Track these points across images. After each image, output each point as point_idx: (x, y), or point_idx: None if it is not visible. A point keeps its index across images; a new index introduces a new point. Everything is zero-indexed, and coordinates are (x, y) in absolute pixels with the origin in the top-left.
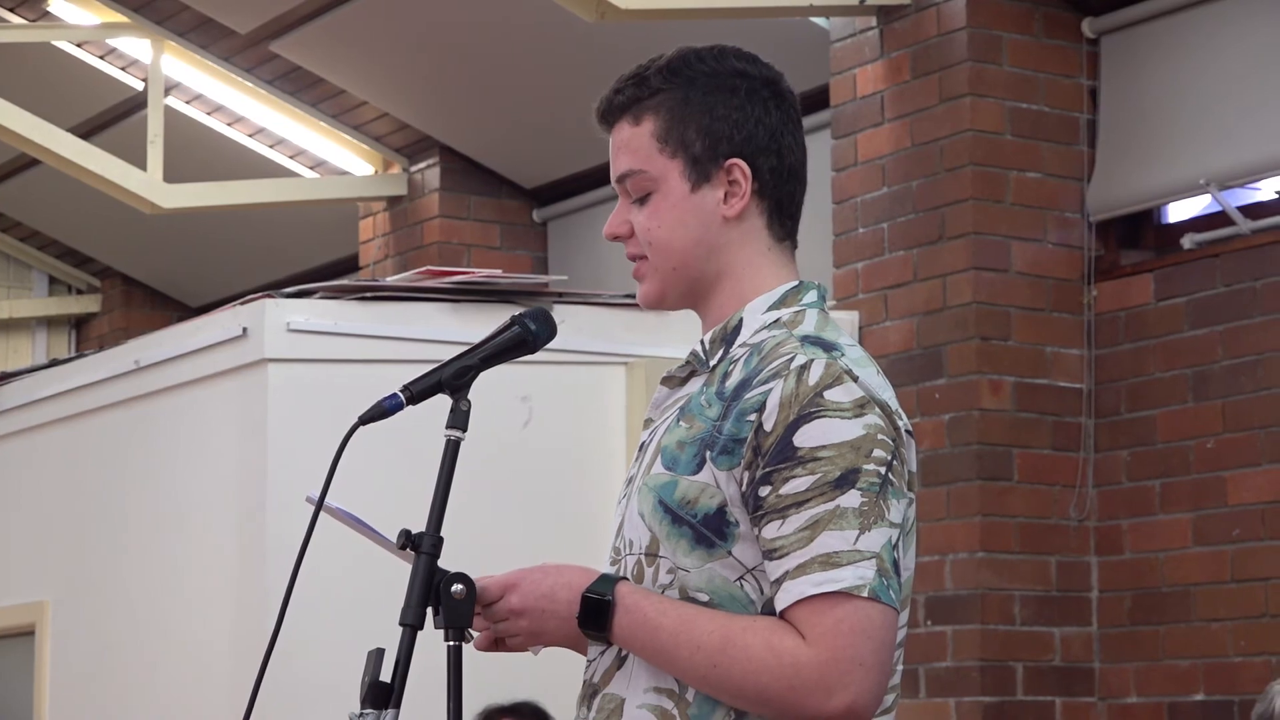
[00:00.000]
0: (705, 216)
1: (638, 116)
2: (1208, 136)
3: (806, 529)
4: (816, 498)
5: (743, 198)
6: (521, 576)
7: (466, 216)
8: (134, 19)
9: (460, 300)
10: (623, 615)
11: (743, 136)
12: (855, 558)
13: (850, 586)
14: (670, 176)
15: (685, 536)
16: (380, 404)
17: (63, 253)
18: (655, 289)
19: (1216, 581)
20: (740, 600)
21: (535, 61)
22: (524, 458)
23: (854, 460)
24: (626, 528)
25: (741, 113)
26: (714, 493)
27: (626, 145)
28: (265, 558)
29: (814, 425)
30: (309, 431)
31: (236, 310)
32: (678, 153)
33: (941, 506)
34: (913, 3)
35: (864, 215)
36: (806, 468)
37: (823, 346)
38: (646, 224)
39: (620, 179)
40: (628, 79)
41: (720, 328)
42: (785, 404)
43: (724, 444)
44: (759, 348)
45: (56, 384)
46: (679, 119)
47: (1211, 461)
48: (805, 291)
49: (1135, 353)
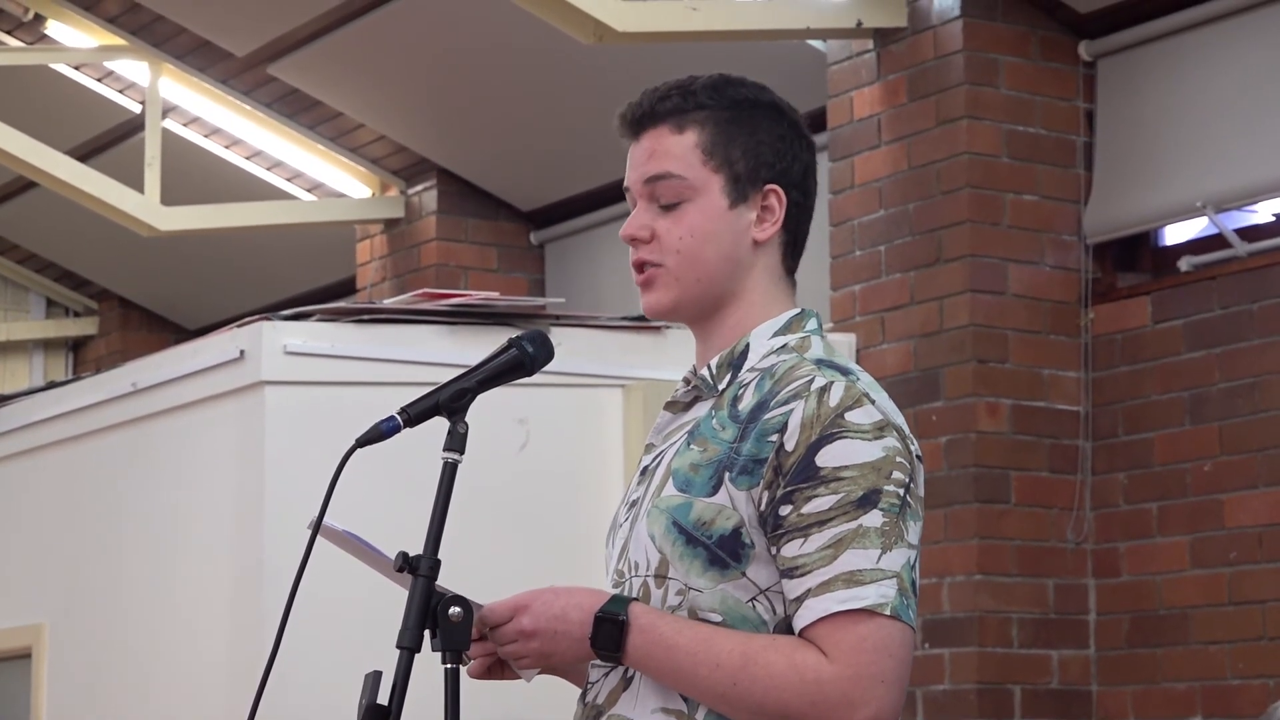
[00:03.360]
0: (737, 235)
1: (681, 125)
2: (1204, 159)
3: (830, 547)
4: (840, 517)
5: (775, 224)
6: (532, 598)
7: (464, 239)
8: (132, 42)
9: (457, 323)
10: (637, 635)
11: (783, 166)
12: (878, 576)
13: (874, 604)
14: (710, 189)
15: (699, 558)
16: (377, 426)
17: (60, 275)
18: (671, 297)
19: (1214, 604)
20: (752, 621)
21: (533, 85)
22: (521, 480)
23: (875, 481)
24: (633, 550)
25: (784, 143)
26: (730, 514)
27: (666, 151)
28: (262, 580)
29: (836, 446)
30: (306, 454)
31: (234, 333)
32: (721, 167)
33: (939, 529)
34: (909, 26)
35: (861, 238)
36: (829, 487)
37: (839, 370)
38: (678, 232)
39: (651, 180)
40: (672, 88)
41: (727, 352)
42: (807, 424)
43: (744, 464)
44: (770, 372)
45: (53, 407)
46: (725, 135)
47: (1209, 484)
48: (807, 319)
49: (1132, 375)
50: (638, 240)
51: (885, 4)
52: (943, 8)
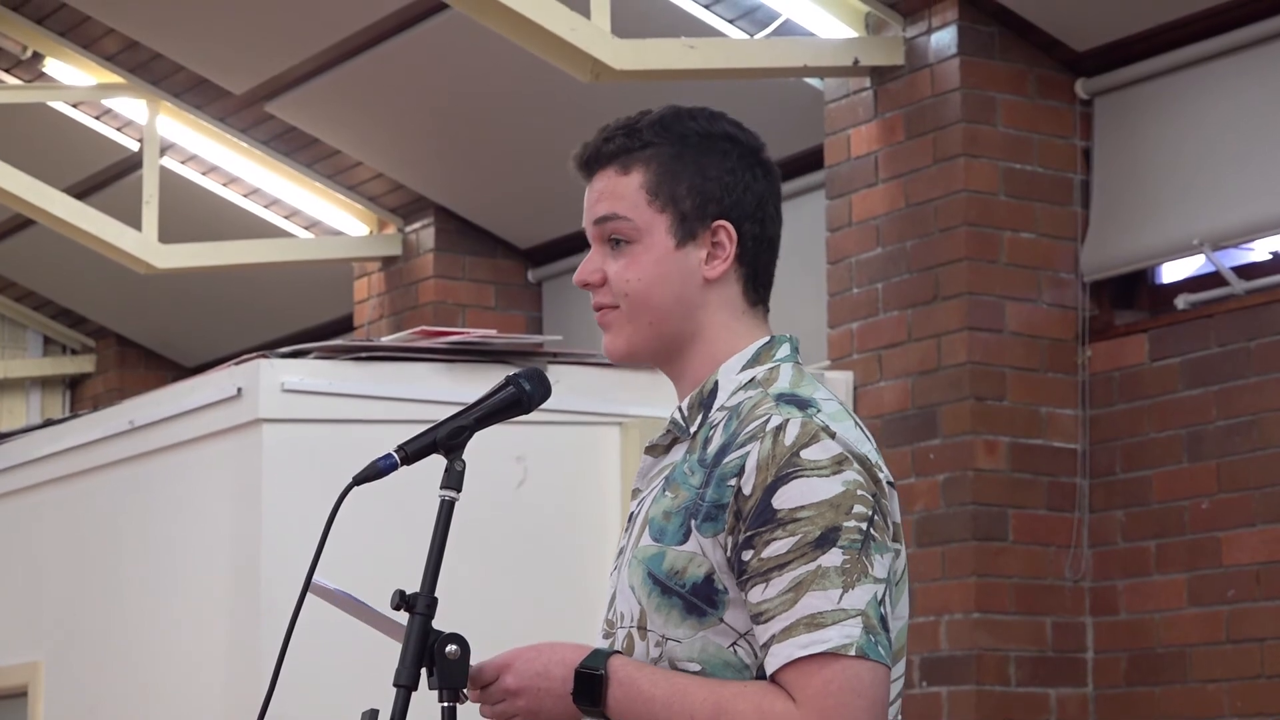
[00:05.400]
0: (686, 275)
1: (626, 166)
2: (1201, 197)
3: (790, 591)
4: (798, 559)
5: (725, 260)
6: (515, 656)
7: (461, 277)
8: (129, 80)
9: (455, 360)
10: (616, 689)
11: (732, 200)
12: (840, 617)
13: (837, 646)
14: (656, 230)
15: (676, 607)
16: (375, 464)
17: (57, 313)
18: (624, 341)
19: (1212, 642)
20: (734, 666)
21: (530, 122)
22: (518, 518)
23: (834, 519)
24: (619, 600)
25: (733, 176)
26: (701, 561)
27: (612, 192)
28: (259, 618)
29: (792, 486)
30: (303, 492)
31: (231, 370)
32: (666, 207)
33: (937, 567)
34: (907, 64)
35: (858, 275)
36: (786, 529)
37: (798, 405)
38: (627, 275)
39: (600, 222)
40: (618, 128)
41: (697, 392)
42: (763, 466)
43: (707, 510)
44: (737, 410)
45: (51, 444)
46: (670, 174)
47: (1207, 522)
48: (778, 346)
49: (1130, 413)
50: (590, 284)
51: (883, 42)
52: (940, 46)
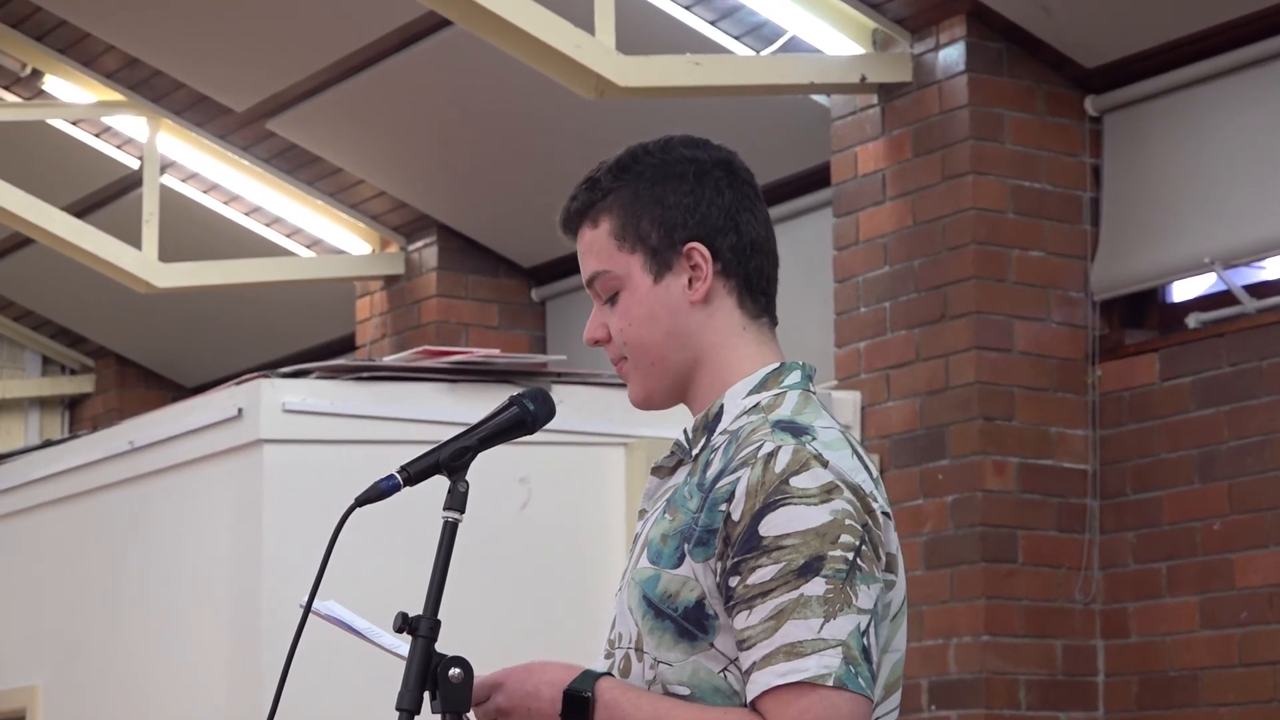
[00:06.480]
0: (673, 306)
1: (595, 219)
2: (1212, 215)
3: (771, 619)
4: (780, 587)
5: (705, 280)
6: (505, 676)
7: (464, 295)
8: (130, 97)
9: (458, 380)
10: (601, 711)
11: (696, 220)
12: (820, 646)
13: (814, 676)
14: (633, 272)
15: (668, 630)
16: (377, 485)
17: (56, 332)
18: (641, 389)
19: (1224, 665)
20: (724, 692)
21: (533, 140)
22: (523, 540)
23: (819, 547)
24: (619, 622)
25: (692, 196)
26: (693, 585)
27: (590, 249)
28: (260, 641)
29: (779, 513)
30: (305, 513)
31: (232, 390)
32: (636, 247)
33: (945, 589)
34: (914, 80)
35: (865, 294)
36: (771, 556)
37: (793, 432)
38: (620, 324)
39: (589, 282)
40: (581, 186)
41: (702, 415)
42: (752, 492)
43: (699, 535)
44: (737, 434)
45: (49, 466)
46: (632, 214)
47: (1219, 543)
48: (788, 373)
49: (1140, 433)
50: (600, 341)
51: (890, 59)
52: (948, 62)
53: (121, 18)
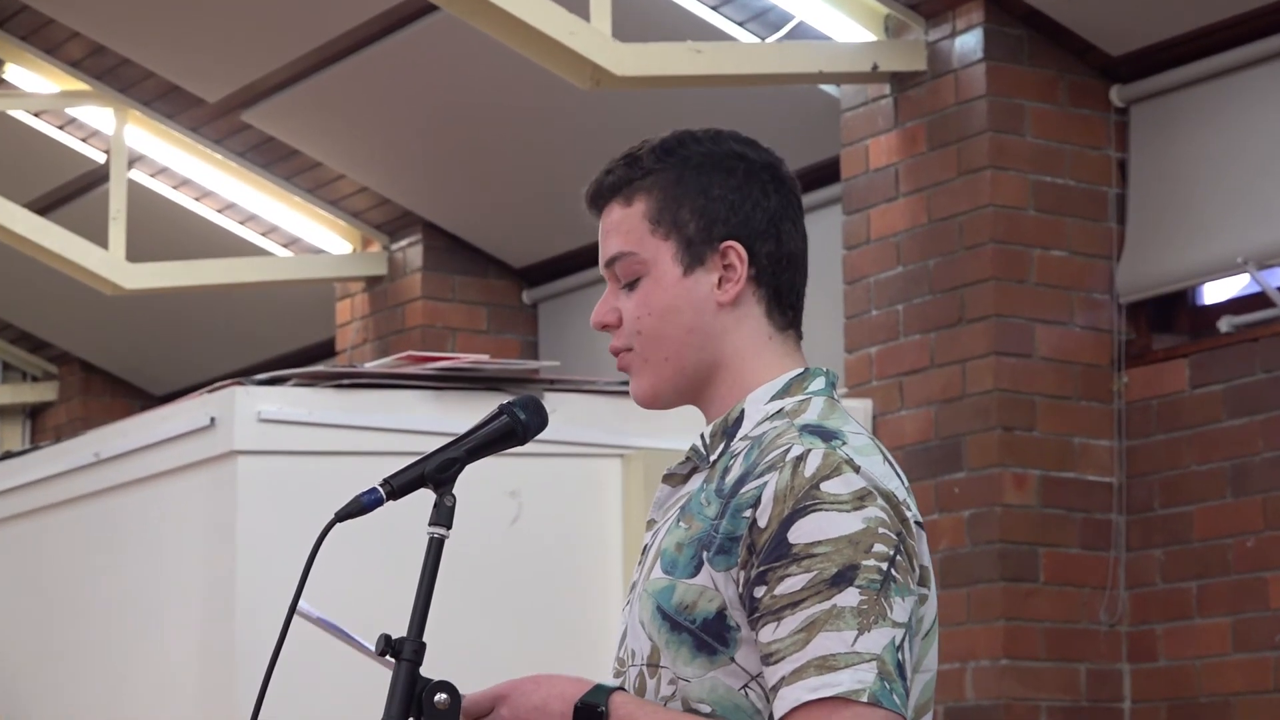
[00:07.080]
0: (698, 302)
1: (629, 197)
2: (1245, 212)
3: (802, 631)
4: (812, 597)
5: (738, 282)
6: (512, 688)
7: (451, 298)
8: (95, 87)
9: (444, 388)
10: None
11: (739, 219)
12: (854, 660)
13: (848, 691)
14: (662, 260)
15: (685, 644)
16: (358, 499)
17: (17, 337)
18: (648, 385)
19: (1258, 690)
20: (745, 710)
21: (525, 133)
22: (513, 557)
23: (852, 556)
24: (630, 638)
25: (739, 194)
26: (713, 595)
27: (617, 227)
28: (234, 662)
29: (809, 520)
30: (281, 529)
31: (204, 399)
32: (670, 234)
33: (962, 610)
34: (929, 69)
35: (877, 296)
36: (801, 565)
37: (822, 436)
38: (636, 311)
39: (609, 263)
40: (619, 160)
41: (721, 420)
42: (780, 498)
43: (720, 543)
44: (759, 440)
45: (10, 479)
46: (673, 198)
47: (1252, 561)
48: (812, 379)
49: (1169, 444)
50: (607, 325)
51: (903, 46)
52: (965, 50)
53: (87, 3)
